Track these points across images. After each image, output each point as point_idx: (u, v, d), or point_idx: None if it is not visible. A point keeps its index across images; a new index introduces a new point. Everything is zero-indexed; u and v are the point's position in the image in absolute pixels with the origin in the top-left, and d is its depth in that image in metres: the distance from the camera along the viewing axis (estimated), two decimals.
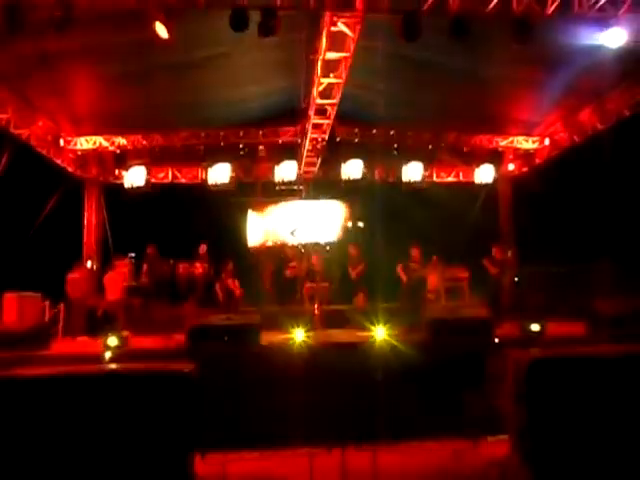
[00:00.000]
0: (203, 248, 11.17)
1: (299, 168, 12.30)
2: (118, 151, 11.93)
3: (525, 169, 13.29)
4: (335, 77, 8.27)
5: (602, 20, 6.64)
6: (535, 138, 12.36)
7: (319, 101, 9.19)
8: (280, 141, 12.04)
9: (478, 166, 12.76)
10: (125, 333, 7.56)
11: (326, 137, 10.87)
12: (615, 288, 8.75)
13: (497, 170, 12.81)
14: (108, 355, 6.49)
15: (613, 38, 6.83)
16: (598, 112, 10.46)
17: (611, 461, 4.07)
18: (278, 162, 12.10)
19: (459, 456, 4.84)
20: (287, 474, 4.85)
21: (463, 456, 4.87)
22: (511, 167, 13.39)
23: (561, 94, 9.71)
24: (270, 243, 13.21)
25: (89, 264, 12.55)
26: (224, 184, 12.05)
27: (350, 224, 11.18)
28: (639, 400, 4.13)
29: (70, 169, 12.02)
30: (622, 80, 9.23)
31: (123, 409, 4.09)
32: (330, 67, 8.08)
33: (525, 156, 12.99)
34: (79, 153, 11.84)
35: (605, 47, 7.10)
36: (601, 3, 6.46)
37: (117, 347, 6.58)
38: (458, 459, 4.82)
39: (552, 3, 6.41)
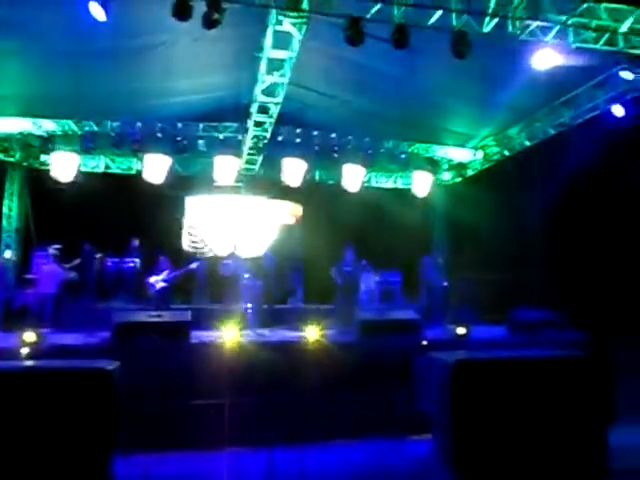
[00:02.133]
0: (135, 243, 10.79)
1: (239, 165, 12.14)
2: (45, 135, 11.24)
3: (459, 179, 13.84)
4: (279, 76, 8.23)
5: (532, 43, 7.04)
6: (469, 150, 12.90)
7: (262, 99, 9.12)
8: (221, 137, 11.82)
9: (415, 173, 13.15)
10: (46, 328, 7.19)
11: (268, 135, 10.79)
12: (536, 297, 9.30)
13: (432, 178, 13.26)
14: (24, 352, 6.12)
15: (541, 61, 7.25)
16: (526, 129, 11.10)
17: (528, 461, 4.32)
18: (217, 157, 11.87)
19: (383, 456, 4.95)
20: (212, 475, 4.77)
21: (388, 455, 4.99)
22: (446, 176, 13.92)
23: (494, 110, 10.20)
24: (206, 240, 12.95)
25: (8, 254, 11.78)
26: (160, 177, 11.68)
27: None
28: (553, 401, 4.41)
29: None
30: (548, 101, 9.85)
31: (40, 408, 3.91)
32: (274, 65, 8.04)
33: (459, 166, 13.53)
34: (2, 135, 11.07)
35: (534, 69, 7.53)
36: (532, 27, 6.85)
37: (35, 343, 6.22)
38: (382, 459, 4.93)
39: (489, 22, 6.72)
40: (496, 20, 6.67)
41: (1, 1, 6.59)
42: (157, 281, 9.40)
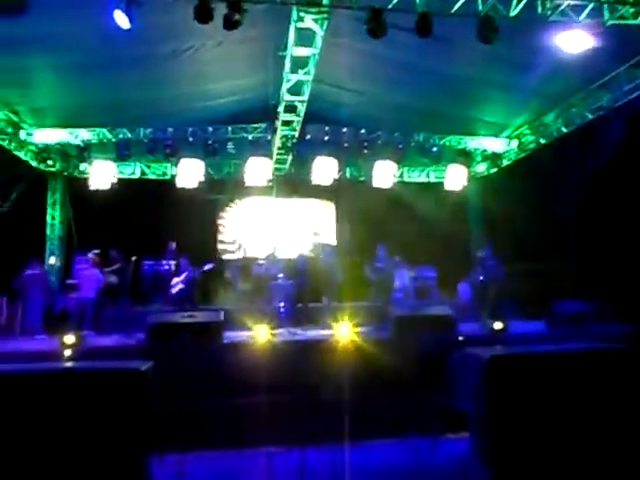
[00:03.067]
0: (172, 246, 10.97)
1: (270, 165, 12.20)
2: (82, 145, 11.60)
3: (493, 170, 13.48)
4: (304, 73, 8.21)
5: (564, 24, 6.75)
6: (503, 140, 12.54)
7: (288, 98, 9.12)
8: (250, 138, 11.90)
9: (447, 166, 12.88)
10: (84, 332, 7.40)
11: (296, 134, 10.80)
12: (576, 289, 8.93)
13: (466, 170, 12.95)
14: (66, 354, 6.30)
15: (575, 42, 6.95)
16: (562, 115, 10.68)
17: (568, 458, 4.13)
18: (248, 159, 11.96)
19: (419, 454, 4.84)
20: (246, 475, 4.78)
21: (423, 454, 4.88)
22: (480, 168, 13.58)
23: (528, 97, 9.87)
24: (240, 241, 13.08)
25: (52, 260, 12.22)
26: (193, 181, 11.87)
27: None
28: (596, 396, 4.21)
29: (33, 163, 11.69)
30: (585, 84, 9.45)
31: (77, 408, 3.97)
32: (298, 63, 8.02)
33: (493, 157, 13.17)
34: (41, 146, 11.49)
35: (568, 51, 7.22)
36: (563, 7, 6.56)
37: (75, 345, 6.40)
38: (418, 456, 4.83)
39: (516, 5, 6.48)
40: (524, 2, 6.42)
41: (37, 19, 6.73)
42: (177, 283, 9.51)
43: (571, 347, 4.87)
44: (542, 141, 11.60)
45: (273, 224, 13.21)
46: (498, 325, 7.17)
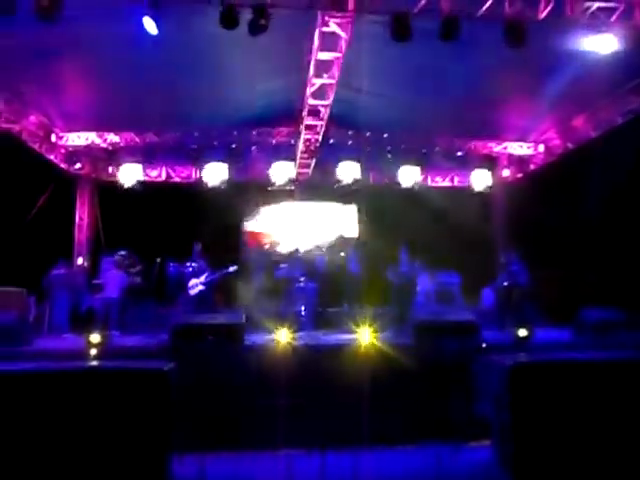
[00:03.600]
0: (198, 247, 11.10)
1: (293, 169, 12.26)
2: (110, 148, 11.85)
3: (519, 175, 13.28)
4: (328, 78, 8.23)
5: (594, 26, 6.62)
6: (529, 144, 12.35)
7: (312, 102, 9.16)
8: (274, 142, 11.98)
9: (472, 171, 12.74)
10: (110, 331, 7.54)
11: (320, 138, 10.83)
12: (604, 297, 8.71)
13: (492, 175, 12.79)
14: (91, 353, 6.43)
15: (605, 45, 6.81)
16: (591, 119, 10.47)
17: (592, 468, 4.03)
18: (272, 163, 12.04)
19: (440, 460, 4.79)
20: (266, 476, 4.79)
21: (445, 461, 4.82)
22: (506, 173, 13.39)
23: (555, 100, 9.70)
24: (264, 244, 13.16)
25: (80, 261, 12.50)
26: (217, 184, 12.00)
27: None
28: (622, 406, 4.10)
29: (62, 165, 11.99)
30: (614, 87, 9.24)
31: (101, 406, 4.05)
32: (323, 67, 8.05)
33: (519, 162, 12.98)
34: (71, 149, 11.78)
35: (597, 54, 7.08)
36: (593, 9, 6.44)
37: (100, 344, 6.53)
38: (439, 463, 4.77)
39: (544, 7, 6.39)
40: (552, 4, 6.32)
41: (67, 26, 6.91)
42: (195, 284, 9.58)
43: (597, 356, 4.77)
44: (570, 146, 11.38)
45: (295, 227, 13.26)
46: (522, 332, 7.05)
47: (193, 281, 9.62)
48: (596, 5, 6.45)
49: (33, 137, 10.65)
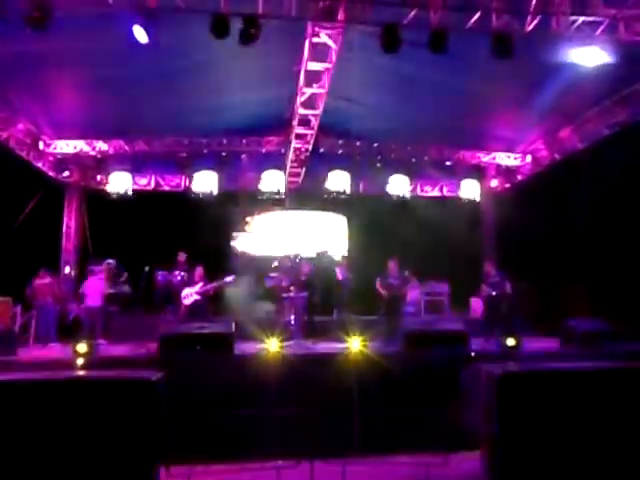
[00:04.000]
0: (182, 257, 11.04)
1: (283, 178, 12.28)
2: (99, 156, 11.79)
3: (507, 185, 13.42)
4: (318, 87, 8.28)
5: (580, 39, 6.74)
6: (517, 155, 12.50)
7: (302, 111, 9.21)
8: (264, 150, 12.01)
9: (461, 181, 12.85)
10: (97, 340, 7.45)
11: (310, 148, 10.87)
12: (589, 308, 8.81)
13: (480, 185, 12.91)
14: (78, 362, 6.34)
15: (590, 58, 6.93)
16: (578, 131, 10.63)
17: (580, 475, 4.04)
18: (262, 171, 12.05)
19: (429, 471, 4.77)
20: None
21: (433, 471, 4.80)
22: (494, 183, 13.52)
23: (542, 112, 9.84)
24: (253, 253, 13.13)
25: (67, 270, 12.37)
26: (207, 192, 11.98)
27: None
28: (609, 415, 4.12)
29: (50, 173, 11.90)
30: (600, 99, 9.40)
31: (88, 416, 3.99)
32: (313, 77, 8.10)
33: (507, 172, 13.12)
34: (59, 157, 11.70)
35: (583, 67, 7.21)
36: (578, 23, 6.57)
37: (87, 354, 6.44)
38: (428, 474, 4.75)
39: (531, 21, 6.50)
40: (539, 18, 6.43)
41: (57, 35, 6.88)
42: (190, 294, 9.51)
43: (585, 365, 4.79)
44: (557, 157, 11.53)
45: (285, 236, 13.25)
46: (511, 341, 7.08)
47: (187, 290, 9.55)
48: (581, 19, 6.57)
49: (21, 145, 10.57)
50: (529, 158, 12.38)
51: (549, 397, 4.20)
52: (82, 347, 6.48)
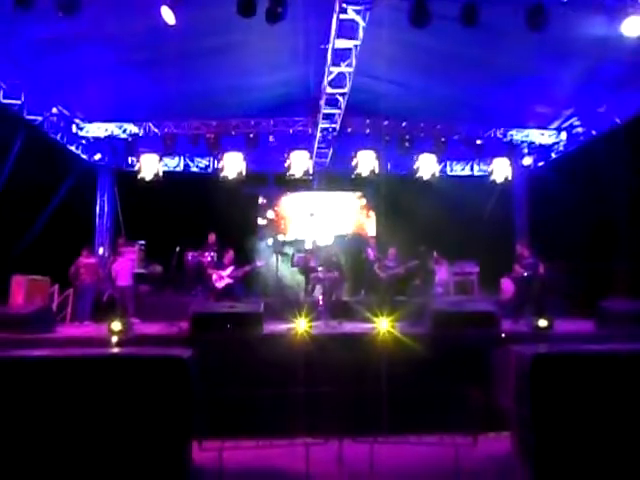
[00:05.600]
0: (212, 237, 11.18)
1: (310, 159, 12.21)
2: (130, 139, 11.95)
3: (541, 163, 13.04)
4: (345, 66, 8.16)
5: (620, 8, 6.42)
6: (551, 132, 12.10)
7: (329, 91, 9.09)
8: (291, 131, 11.95)
9: (492, 160, 12.54)
10: (130, 319, 7.65)
11: (337, 127, 10.76)
12: (628, 288, 8.52)
13: (512, 164, 12.57)
14: (113, 340, 6.54)
15: (631, 27, 6.60)
16: (616, 105, 10.18)
17: (614, 461, 3.97)
18: (289, 152, 12.01)
19: (458, 452, 4.76)
20: (284, 463, 4.83)
21: (462, 452, 4.79)
22: (527, 161, 13.14)
23: (578, 86, 9.47)
24: (281, 234, 13.20)
25: (101, 250, 12.68)
26: (235, 174, 12.02)
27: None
28: None
29: (83, 155, 12.15)
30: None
31: (121, 393, 4.11)
32: (340, 56, 7.98)
33: (541, 150, 12.73)
34: (91, 140, 11.92)
35: (623, 37, 6.87)
36: None
37: (121, 332, 6.63)
38: (457, 455, 4.75)
39: None
40: None
41: (87, 17, 6.93)
42: (221, 277, 9.64)
43: (619, 348, 4.67)
44: (594, 133, 11.11)
45: (310, 218, 13.24)
46: (542, 323, 6.96)
47: (219, 273, 9.70)
48: None
49: (55, 128, 10.80)
50: (564, 135, 11.97)
51: (582, 380, 4.12)
52: (117, 325, 6.68)
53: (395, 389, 5.69)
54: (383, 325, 6.61)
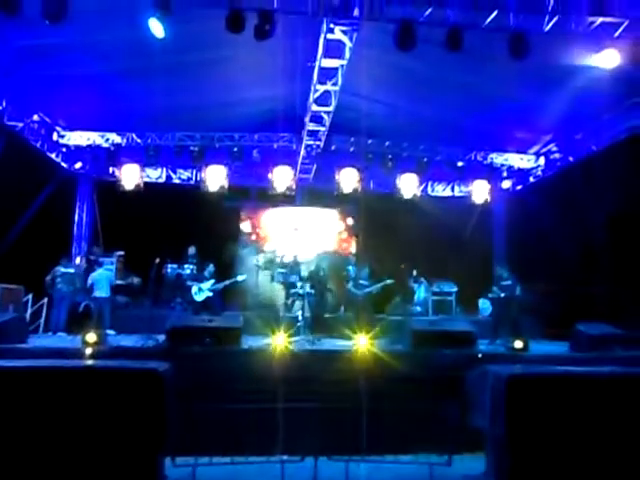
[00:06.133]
0: (192, 250, 11.10)
1: (294, 174, 12.27)
2: (112, 148, 11.86)
3: (519, 187, 13.31)
4: (331, 84, 8.27)
5: (597, 41, 6.66)
6: (530, 156, 12.39)
7: (315, 108, 9.19)
8: (275, 146, 12.01)
9: (473, 182, 12.77)
10: (105, 331, 7.51)
11: (321, 144, 10.86)
12: (603, 312, 8.69)
13: (492, 186, 12.81)
14: (87, 352, 6.40)
15: (608, 59, 6.84)
16: (593, 133, 10.50)
17: None
18: (272, 167, 12.06)
19: (433, 471, 4.76)
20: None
21: (437, 471, 4.79)
22: (506, 184, 13.42)
23: (557, 114, 9.74)
24: (261, 248, 13.15)
25: (78, 260, 12.46)
26: (218, 187, 12.01)
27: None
28: (618, 420, 4.09)
29: (64, 164, 12.00)
30: (617, 102, 9.27)
31: (94, 405, 4.02)
32: (326, 74, 8.08)
33: (519, 174, 13.01)
34: (72, 148, 11.79)
35: (600, 69, 7.12)
36: (597, 24, 6.49)
37: (96, 344, 6.50)
38: (432, 474, 4.74)
39: (549, 20, 6.43)
40: (557, 17, 6.36)
41: (73, 28, 6.90)
42: (201, 290, 9.57)
43: (594, 370, 4.75)
44: (571, 159, 11.41)
45: (294, 232, 13.25)
46: (518, 344, 7.03)
47: (198, 286, 9.61)
48: (600, 20, 6.49)
49: (35, 135, 10.66)
50: (542, 160, 12.27)
51: (557, 401, 4.16)
52: (91, 337, 6.54)
53: (372, 407, 5.67)
54: (362, 342, 6.61)
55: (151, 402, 4.08)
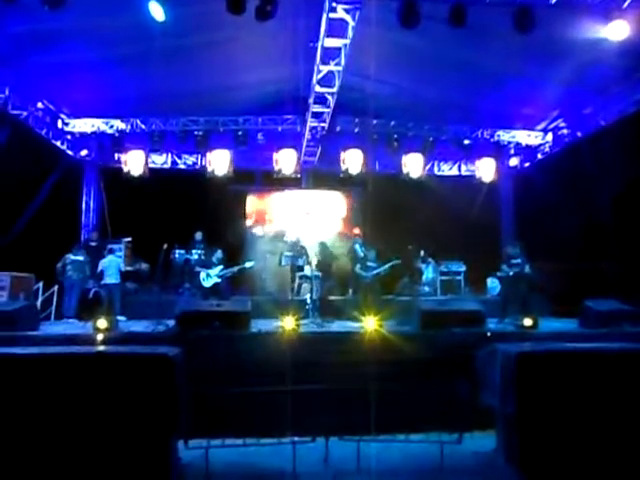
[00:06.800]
0: (199, 235, 11.13)
1: (299, 157, 12.20)
2: (117, 135, 11.83)
3: (527, 164, 13.17)
4: (334, 65, 8.16)
5: (605, 12, 6.50)
6: (537, 133, 12.22)
7: (319, 89, 9.09)
8: (280, 129, 11.93)
9: (479, 160, 12.63)
10: (116, 317, 7.58)
11: (326, 126, 10.77)
12: (612, 289, 8.65)
13: (499, 164, 12.68)
14: (98, 338, 6.47)
15: (616, 31, 6.69)
16: (601, 108, 10.31)
17: (598, 458, 4.03)
18: (277, 150, 11.99)
19: (443, 449, 4.80)
20: (270, 462, 4.83)
21: (448, 449, 4.83)
22: (513, 162, 13.27)
23: (564, 88, 9.57)
24: (268, 232, 13.16)
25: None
26: (223, 171, 11.98)
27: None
28: (628, 397, 4.09)
29: (69, 151, 12.00)
30: (626, 75, 9.08)
31: (106, 391, 4.08)
32: (330, 54, 7.98)
33: (527, 151, 12.86)
34: (77, 135, 11.78)
35: (608, 41, 6.97)
36: None
37: (107, 330, 6.58)
38: (442, 452, 4.79)
39: None
40: None
41: (74, 13, 6.82)
42: (209, 276, 9.60)
43: (603, 346, 4.75)
44: (579, 134, 11.24)
45: (300, 215, 13.24)
46: (527, 321, 7.03)
47: (206, 272, 9.65)
48: None
49: (40, 123, 10.65)
50: (550, 136, 12.10)
51: (566, 378, 4.18)
52: (102, 323, 6.62)
53: (382, 387, 5.71)
54: (370, 324, 6.63)
55: (163, 386, 4.13)
